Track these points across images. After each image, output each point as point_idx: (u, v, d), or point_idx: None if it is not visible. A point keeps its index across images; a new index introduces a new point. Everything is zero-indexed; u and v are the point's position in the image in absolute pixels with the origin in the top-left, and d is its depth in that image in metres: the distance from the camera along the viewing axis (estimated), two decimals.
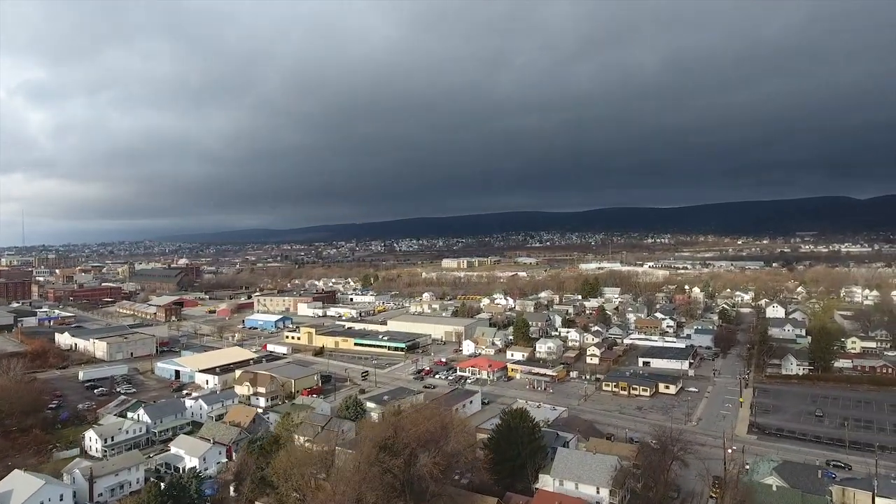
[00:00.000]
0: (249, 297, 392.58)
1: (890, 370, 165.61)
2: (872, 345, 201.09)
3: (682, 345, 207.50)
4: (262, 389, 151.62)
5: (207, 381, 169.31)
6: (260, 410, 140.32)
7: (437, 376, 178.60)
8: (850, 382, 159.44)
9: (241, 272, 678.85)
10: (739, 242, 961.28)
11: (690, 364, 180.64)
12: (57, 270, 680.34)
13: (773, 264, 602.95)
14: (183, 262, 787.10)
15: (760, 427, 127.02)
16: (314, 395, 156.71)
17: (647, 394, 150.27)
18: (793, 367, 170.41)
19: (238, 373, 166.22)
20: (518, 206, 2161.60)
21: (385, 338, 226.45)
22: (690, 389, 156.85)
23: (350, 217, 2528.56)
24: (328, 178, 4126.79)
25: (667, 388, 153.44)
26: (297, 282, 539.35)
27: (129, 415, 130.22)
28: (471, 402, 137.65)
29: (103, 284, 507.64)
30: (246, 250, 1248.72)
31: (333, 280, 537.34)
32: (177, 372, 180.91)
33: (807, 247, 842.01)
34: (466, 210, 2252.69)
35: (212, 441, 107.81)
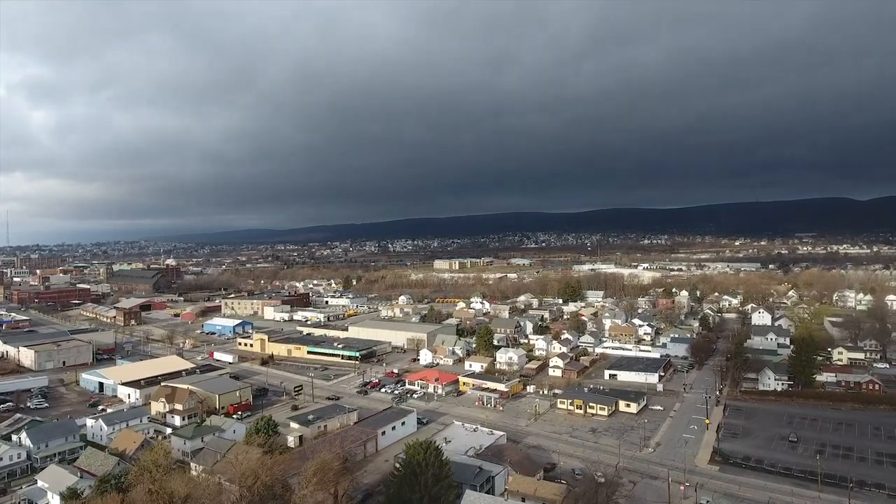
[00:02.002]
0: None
1: (877, 386, 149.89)
2: (860, 356, 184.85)
3: (656, 355, 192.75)
4: (179, 406, 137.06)
5: (129, 394, 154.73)
6: (169, 431, 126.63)
7: (383, 390, 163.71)
8: (833, 400, 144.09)
9: (225, 273, 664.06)
10: (737, 244, 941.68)
11: (661, 377, 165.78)
12: (38, 271, 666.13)
13: (770, 266, 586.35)
14: (170, 262, 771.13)
15: (725, 455, 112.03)
16: (241, 412, 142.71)
17: (605, 413, 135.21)
18: (770, 381, 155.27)
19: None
20: (516, 207, 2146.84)
21: (340, 346, 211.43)
22: (655, 408, 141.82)
23: (349, 217, 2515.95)
24: (330, 178, 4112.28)
25: (628, 406, 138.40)
26: (277, 283, 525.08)
27: (13, 437, 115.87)
28: (402, 423, 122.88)
29: (79, 286, 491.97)
30: (240, 250, 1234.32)
31: (315, 282, 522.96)
32: (101, 384, 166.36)
33: (805, 248, 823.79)
34: (463, 211, 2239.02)
35: (79, 474, 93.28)
